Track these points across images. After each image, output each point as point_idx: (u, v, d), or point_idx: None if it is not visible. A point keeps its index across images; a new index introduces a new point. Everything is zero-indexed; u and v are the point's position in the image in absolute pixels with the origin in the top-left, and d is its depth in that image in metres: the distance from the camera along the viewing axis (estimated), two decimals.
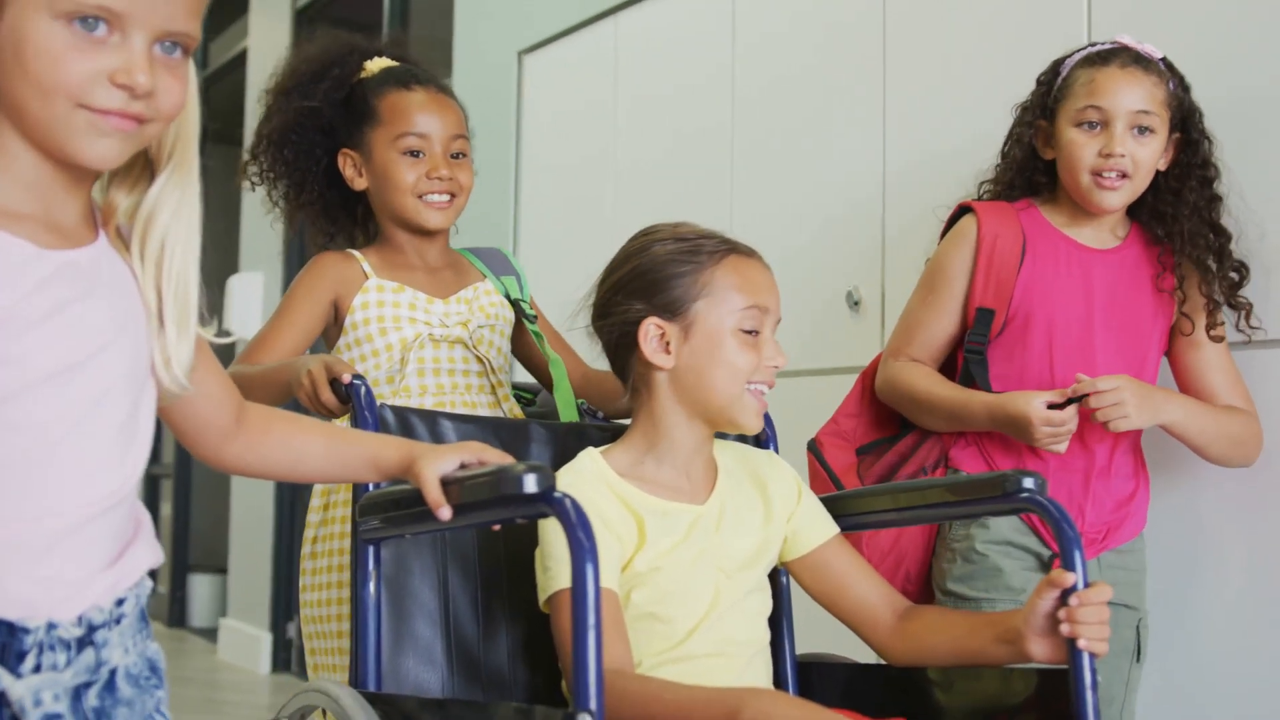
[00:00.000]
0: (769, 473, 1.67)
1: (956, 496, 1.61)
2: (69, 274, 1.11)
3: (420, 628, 1.63)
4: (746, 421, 1.57)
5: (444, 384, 1.94)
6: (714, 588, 1.56)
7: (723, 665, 1.54)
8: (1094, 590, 1.44)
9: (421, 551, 1.65)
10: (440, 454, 1.36)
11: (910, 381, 1.97)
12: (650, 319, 1.57)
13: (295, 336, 1.93)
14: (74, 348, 1.10)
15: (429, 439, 1.68)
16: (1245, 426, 1.95)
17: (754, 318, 1.56)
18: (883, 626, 1.63)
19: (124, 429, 1.15)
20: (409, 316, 1.94)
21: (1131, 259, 1.97)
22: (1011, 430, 1.88)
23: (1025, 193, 2.00)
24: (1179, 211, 1.93)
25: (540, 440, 1.76)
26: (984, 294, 1.94)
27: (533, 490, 1.27)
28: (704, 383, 1.56)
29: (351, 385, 1.64)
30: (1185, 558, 2.10)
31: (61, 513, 1.09)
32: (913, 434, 2.01)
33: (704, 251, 1.58)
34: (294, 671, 5.15)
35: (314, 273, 1.97)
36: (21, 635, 1.07)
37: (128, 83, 1.09)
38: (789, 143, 2.87)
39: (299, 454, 1.38)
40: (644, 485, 1.58)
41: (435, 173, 1.95)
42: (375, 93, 1.99)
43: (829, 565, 1.65)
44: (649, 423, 1.61)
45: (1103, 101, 1.88)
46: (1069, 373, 1.91)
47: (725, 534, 1.59)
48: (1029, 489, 1.52)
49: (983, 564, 1.91)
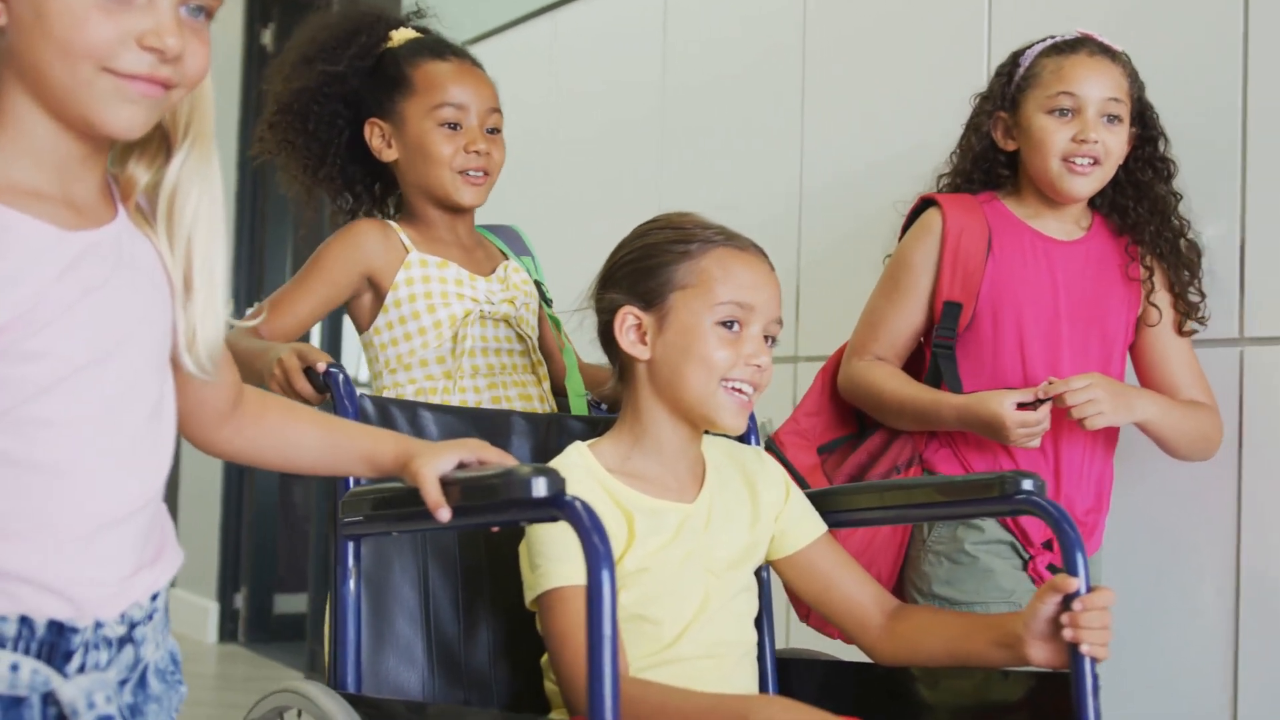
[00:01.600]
0: (756, 470, 1.63)
1: (953, 496, 1.59)
2: (93, 257, 1.05)
3: (401, 626, 1.57)
4: (723, 420, 1.51)
5: (493, 364, 1.86)
6: (703, 588, 1.52)
7: (712, 667, 1.51)
8: (1097, 595, 1.42)
9: (402, 547, 1.59)
10: (438, 453, 1.31)
11: (877, 381, 1.93)
12: (626, 308, 1.53)
13: (313, 306, 1.83)
14: (103, 337, 1.06)
15: (409, 430, 1.63)
16: (1211, 422, 1.95)
17: (733, 312, 1.50)
18: (872, 627, 1.60)
19: (152, 419, 1.11)
20: (456, 292, 1.85)
21: (1097, 249, 1.96)
22: (984, 431, 1.86)
23: (985, 186, 1.98)
24: (1142, 205, 1.93)
25: (521, 432, 1.71)
26: (951, 288, 1.92)
27: (542, 494, 1.22)
28: (678, 377, 1.51)
29: (329, 373, 1.57)
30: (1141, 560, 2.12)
31: (101, 511, 1.06)
32: (881, 432, 1.98)
33: (695, 241, 1.53)
34: (241, 642, 5.16)
35: (348, 240, 1.85)
36: (70, 635, 1.05)
37: (158, 45, 1.03)
38: (713, 140, 2.90)
39: (293, 445, 1.33)
40: (632, 482, 1.53)
41: (474, 146, 1.86)
42: (409, 61, 1.89)
43: (816, 564, 1.62)
44: (634, 417, 1.56)
45: (1074, 88, 1.87)
46: (1039, 366, 1.90)
47: (714, 533, 1.55)
48: (1028, 490, 1.50)
49: (973, 566, 1.89)
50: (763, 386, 1.53)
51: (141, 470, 1.10)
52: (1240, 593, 1.99)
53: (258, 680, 4.57)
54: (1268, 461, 1.97)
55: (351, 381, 1.58)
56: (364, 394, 1.62)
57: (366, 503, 1.44)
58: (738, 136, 2.87)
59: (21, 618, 1.02)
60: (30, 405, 1.02)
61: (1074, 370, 1.88)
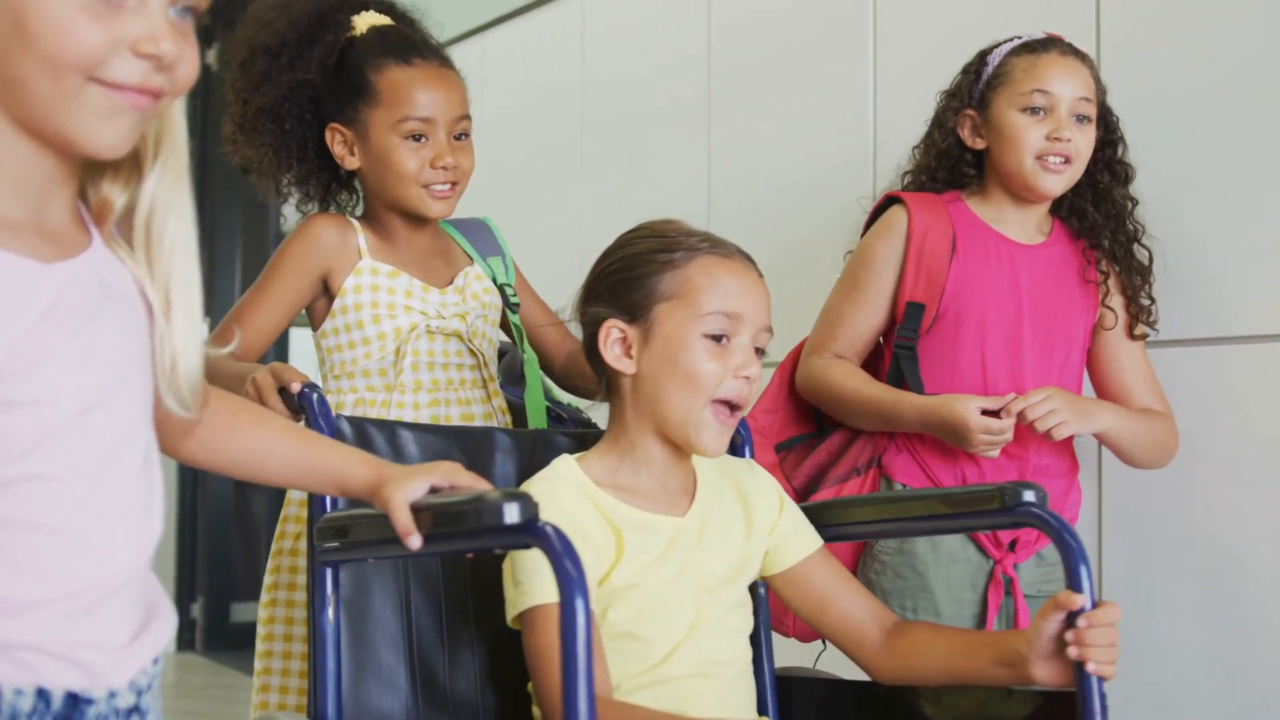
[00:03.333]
0: (749, 483, 1.58)
1: (951, 509, 1.53)
2: (75, 291, 0.98)
3: (382, 653, 1.52)
4: (703, 443, 1.45)
5: (439, 379, 1.80)
6: (694, 605, 1.47)
7: (705, 687, 1.45)
8: (1103, 611, 1.36)
9: (383, 572, 1.54)
10: (410, 477, 1.26)
11: (837, 379, 1.90)
12: (611, 321, 1.47)
13: (278, 313, 1.77)
14: (93, 381, 0.98)
15: (388, 450, 1.57)
16: (1166, 429, 1.94)
17: (720, 323, 1.44)
18: (870, 644, 1.55)
19: (144, 469, 1.04)
20: (404, 304, 1.79)
21: (1058, 254, 1.95)
22: (945, 433, 1.83)
23: (949, 184, 1.97)
24: (1101, 209, 1.94)
25: (505, 450, 1.66)
26: (914, 288, 1.89)
27: (514, 521, 1.17)
28: (662, 392, 1.45)
29: (303, 394, 1.52)
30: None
31: (104, 572, 0.99)
32: (841, 432, 1.95)
33: (679, 250, 1.47)
34: (198, 650, 5.24)
35: (305, 238, 1.79)
36: (85, 707, 0.97)
37: (153, 51, 0.94)
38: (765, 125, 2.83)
39: (263, 457, 1.27)
40: (622, 495, 1.48)
41: (440, 161, 1.77)
42: (372, 65, 1.79)
43: (812, 580, 1.56)
44: (620, 431, 1.51)
45: (1048, 86, 1.86)
46: (1001, 369, 1.88)
47: (706, 548, 1.50)
48: (1028, 502, 1.44)
49: (916, 581, 1.88)
50: (750, 401, 1.48)
51: (138, 525, 1.03)
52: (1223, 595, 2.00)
53: (216, 688, 4.64)
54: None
55: (327, 402, 1.53)
56: (340, 415, 1.57)
57: (341, 529, 1.39)
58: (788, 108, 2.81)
59: (38, 690, 0.95)
60: (23, 461, 0.94)
61: (1036, 374, 1.89)
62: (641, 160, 2.99)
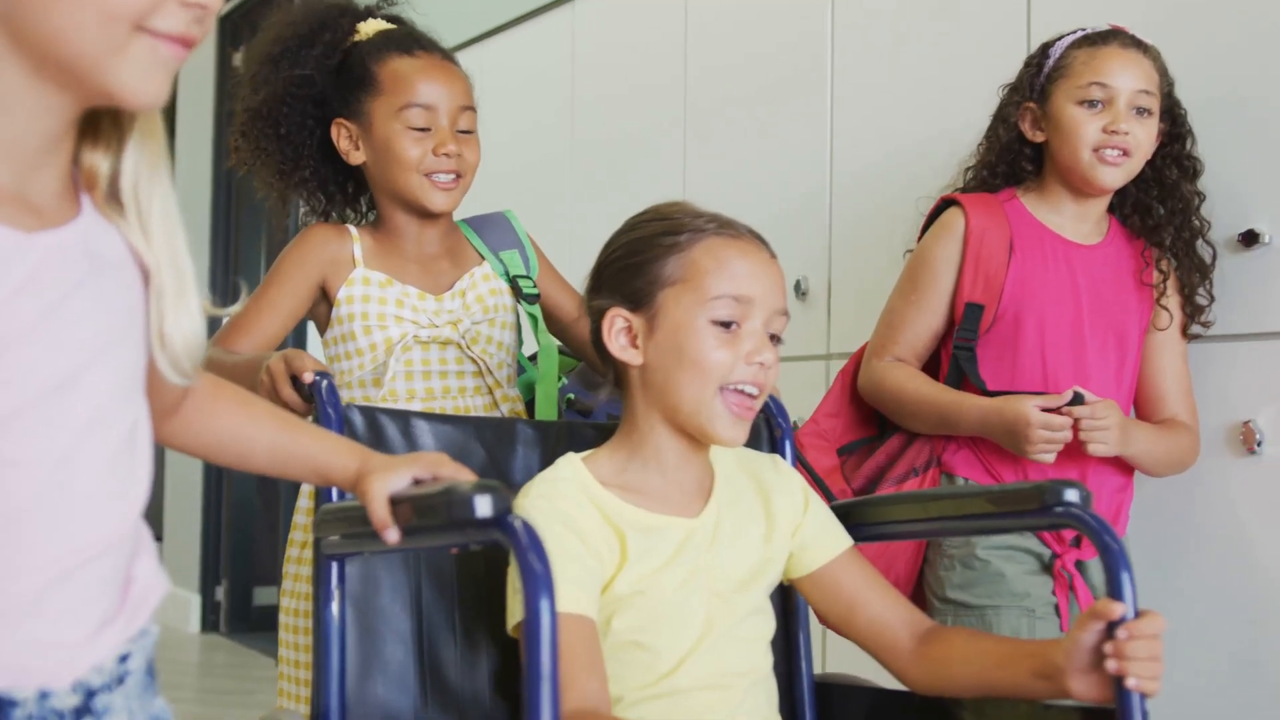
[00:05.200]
0: (772, 480, 1.48)
1: (992, 508, 1.42)
2: (56, 263, 0.93)
3: (391, 650, 1.47)
4: (717, 432, 1.37)
5: (434, 388, 1.78)
6: (706, 612, 1.38)
7: (716, 699, 1.36)
8: (1145, 621, 1.24)
9: (392, 567, 1.49)
10: (391, 468, 1.20)
11: (897, 382, 1.90)
12: (615, 310, 1.39)
13: (278, 319, 1.76)
14: (69, 358, 0.93)
15: (401, 441, 1.52)
16: (1187, 446, 1.92)
17: (729, 308, 1.35)
18: (902, 651, 1.45)
19: (123, 450, 0.98)
20: (395, 314, 1.77)
21: (1114, 254, 1.92)
22: (1003, 434, 1.80)
23: (1009, 180, 1.95)
24: (1168, 205, 1.90)
25: (527, 441, 1.59)
26: (973, 289, 1.88)
27: (486, 514, 1.10)
28: (671, 383, 1.37)
29: (314, 384, 1.48)
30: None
31: (50, 562, 0.92)
32: (899, 434, 1.93)
33: (684, 232, 1.38)
34: (222, 632, 5.45)
35: (303, 247, 1.79)
36: (8, 708, 0.90)
37: (202, 0, 0.92)
38: (739, 129, 2.86)
39: (244, 444, 1.22)
40: (629, 496, 1.39)
41: (442, 149, 1.76)
42: (374, 58, 1.79)
43: (840, 583, 1.46)
44: (630, 426, 1.43)
45: (1107, 79, 1.84)
46: (1062, 371, 1.86)
47: (720, 551, 1.41)
48: (1070, 502, 1.32)
49: (984, 570, 1.83)
50: (768, 388, 1.38)
51: (110, 508, 0.97)
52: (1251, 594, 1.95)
53: (237, 667, 4.85)
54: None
55: (337, 390, 1.48)
56: (351, 404, 1.52)
57: (338, 521, 1.34)
58: (760, 119, 2.84)
59: None
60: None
61: (1099, 374, 1.86)
62: (745, 134, 2.90)
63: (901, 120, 2.49)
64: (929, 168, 2.17)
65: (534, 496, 1.36)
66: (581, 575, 1.31)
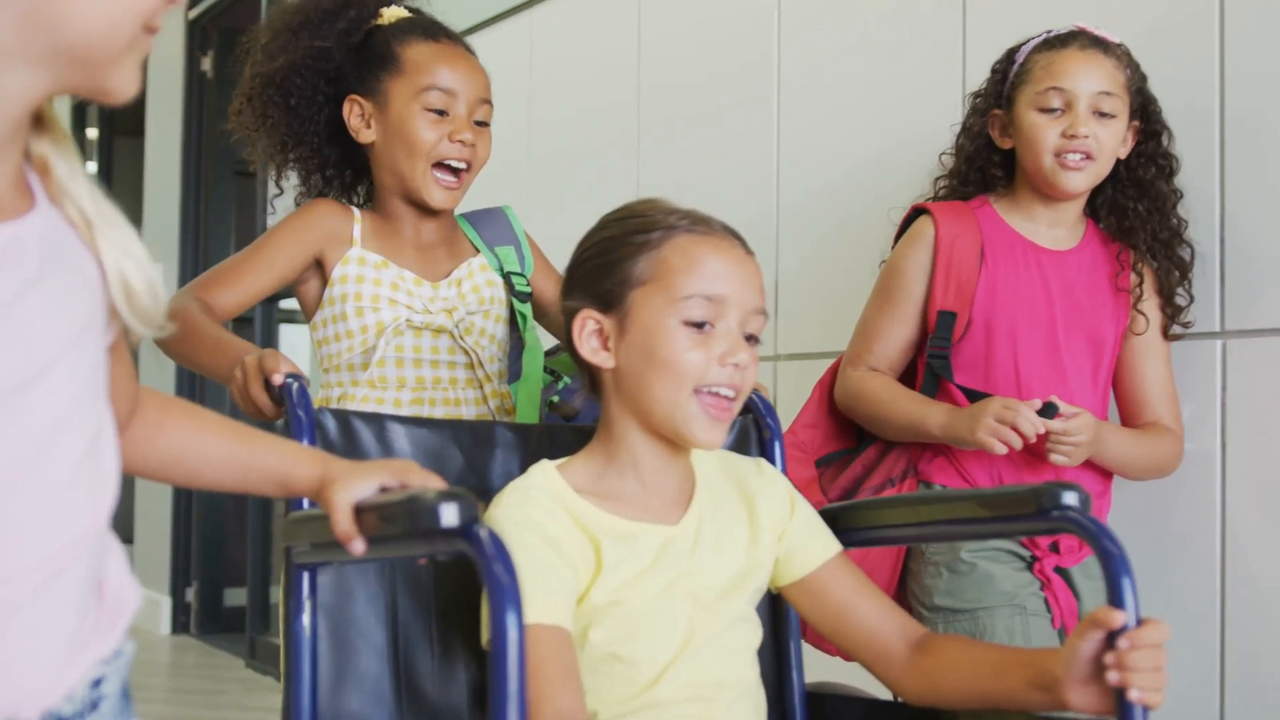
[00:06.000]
0: (757, 484, 1.43)
1: (984, 512, 1.37)
2: (13, 255, 0.89)
3: (365, 662, 1.42)
4: (694, 435, 1.31)
5: (424, 377, 1.73)
6: (687, 621, 1.32)
7: (699, 712, 1.31)
8: (1148, 630, 1.18)
9: (367, 575, 1.43)
10: (355, 476, 1.15)
11: (870, 392, 1.87)
12: (586, 312, 1.34)
13: (264, 279, 1.72)
14: (29, 356, 0.88)
15: (376, 446, 1.47)
16: (1166, 451, 1.88)
17: (701, 307, 1.30)
18: (895, 660, 1.39)
19: (89, 455, 0.93)
20: (389, 297, 1.72)
21: (1089, 260, 1.89)
22: (964, 420, 1.74)
23: (980, 187, 1.93)
24: (1144, 204, 1.87)
25: (507, 445, 1.54)
26: (944, 297, 1.86)
27: (451, 524, 1.05)
28: (642, 387, 1.31)
29: (284, 386, 1.43)
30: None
31: (13, 577, 0.86)
32: (876, 445, 1.90)
33: (656, 230, 1.33)
34: (192, 633, 5.48)
35: (308, 218, 1.75)
36: None
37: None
38: (694, 139, 2.86)
39: (196, 459, 1.16)
40: (604, 503, 1.34)
41: (458, 135, 1.72)
42: (399, 39, 1.76)
43: (829, 589, 1.41)
44: (606, 431, 1.37)
45: (1064, 83, 1.81)
46: (1035, 377, 1.83)
47: (702, 558, 1.35)
48: (1068, 505, 1.27)
49: (971, 573, 1.79)
50: (745, 389, 1.33)
51: (75, 519, 0.91)
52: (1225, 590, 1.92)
53: (208, 668, 4.89)
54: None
55: (309, 394, 1.43)
56: (323, 408, 1.47)
57: (305, 529, 1.29)
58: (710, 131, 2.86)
59: None
60: None
61: (1077, 380, 1.86)
62: (698, 146, 2.91)
63: (847, 137, 2.51)
64: (889, 175, 2.19)
65: (505, 505, 1.31)
66: (555, 585, 1.26)
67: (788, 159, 2.64)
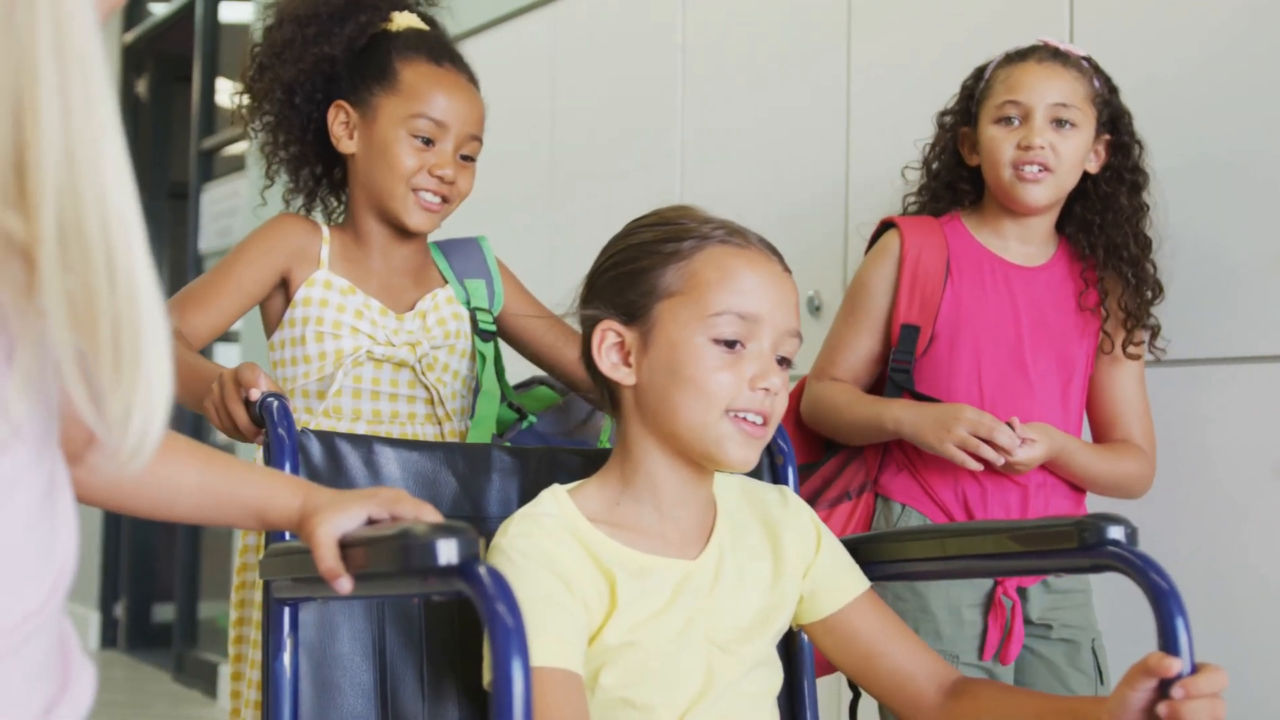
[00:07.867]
0: (780, 515, 1.33)
1: (1018, 547, 1.27)
2: None
3: (350, 704, 1.31)
4: (728, 455, 1.21)
5: (381, 410, 1.66)
6: (705, 665, 1.22)
7: None
8: (1204, 678, 1.08)
9: (352, 612, 1.33)
10: (339, 508, 1.05)
11: (830, 398, 1.86)
12: (607, 323, 1.24)
13: (237, 301, 1.65)
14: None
15: (363, 471, 1.37)
16: (1136, 470, 1.85)
17: (733, 325, 1.20)
18: (925, 706, 1.29)
19: (40, 512, 0.81)
20: (352, 325, 1.65)
21: (1059, 276, 1.87)
22: (930, 425, 1.72)
23: (950, 204, 1.92)
24: (1106, 218, 1.84)
25: (504, 470, 1.44)
26: (909, 310, 1.84)
27: (450, 561, 0.95)
28: (667, 406, 1.21)
29: (263, 404, 1.32)
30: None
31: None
32: (837, 457, 1.88)
33: (688, 239, 1.23)
34: (121, 649, 5.56)
35: (272, 234, 1.68)
36: None
37: None
38: (743, 137, 2.73)
39: (165, 490, 1.07)
40: (620, 534, 1.24)
41: (439, 170, 1.66)
42: (401, 55, 1.69)
43: (857, 630, 1.31)
44: (624, 454, 1.27)
45: (1020, 95, 1.80)
46: (999, 393, 1.80)
47: (722, 596, 1.25)
48: (1114, 540, 1.17)
49: (916, 602, 1.77)
50: (775, 418, 1.23)
51: (29, 587, 0.79)
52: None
53: (135, 681, 5.02)
54: None
55: (290, 412, 1.33)
56: (306, 429, 1.37)
57: (286, 563, 1.19)
58: (768, 127, 2.72)
59: None
60: None
61: (1041, 398, 1.80)
62: (750, 142, 2.77)
63: (831, 156, 2.45)
64: (862, 201, 2.16)
65: (513, 534, 1.21)
66: (564, 624, 1.15)
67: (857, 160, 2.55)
